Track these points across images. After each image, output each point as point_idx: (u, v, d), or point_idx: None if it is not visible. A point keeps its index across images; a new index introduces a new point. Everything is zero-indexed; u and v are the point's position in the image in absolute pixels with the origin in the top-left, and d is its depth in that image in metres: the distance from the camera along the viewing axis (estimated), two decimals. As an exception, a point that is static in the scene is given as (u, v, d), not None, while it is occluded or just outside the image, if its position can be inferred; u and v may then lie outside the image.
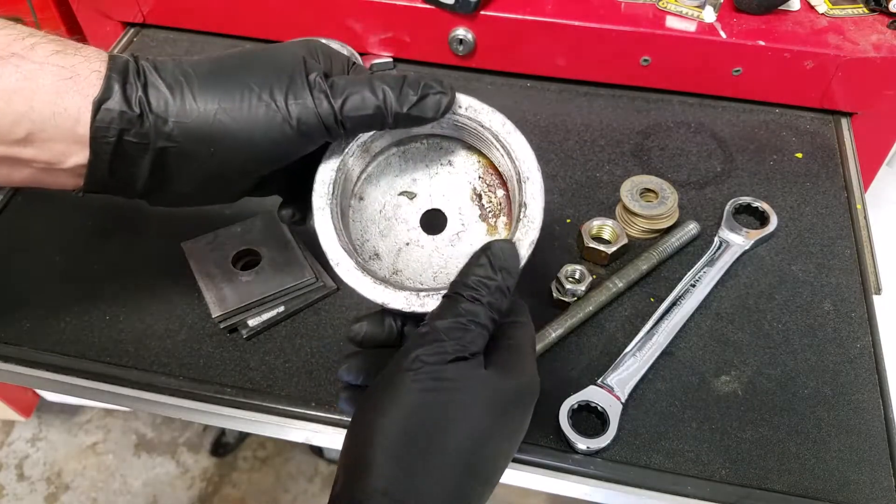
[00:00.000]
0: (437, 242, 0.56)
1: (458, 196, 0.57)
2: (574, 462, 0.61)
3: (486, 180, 0.57)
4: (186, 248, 0.72)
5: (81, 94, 0.45)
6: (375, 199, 0.56)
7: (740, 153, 0.86)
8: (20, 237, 0.77)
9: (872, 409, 0.64)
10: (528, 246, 0.51)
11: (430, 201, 0.57)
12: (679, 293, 0.71)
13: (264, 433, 0.70)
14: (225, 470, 1.70)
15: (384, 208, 0.56)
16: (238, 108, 0.47)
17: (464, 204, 0.57)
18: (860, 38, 0.84)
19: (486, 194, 0.57)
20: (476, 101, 0.54)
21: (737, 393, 0.65)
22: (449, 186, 0.57)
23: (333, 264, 0.50)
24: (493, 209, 0.56)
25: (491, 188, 0.57)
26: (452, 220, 0.56)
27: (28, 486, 1.68)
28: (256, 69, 0.48)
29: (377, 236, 0.56)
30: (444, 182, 0.57)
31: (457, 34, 0.89)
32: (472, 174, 0.57)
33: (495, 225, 0.56)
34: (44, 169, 0.48)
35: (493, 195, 0.57)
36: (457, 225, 0.56)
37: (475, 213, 0.57)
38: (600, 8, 0.87)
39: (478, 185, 0.57)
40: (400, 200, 0.57)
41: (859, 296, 0.72)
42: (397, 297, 0.50)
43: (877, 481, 0.60)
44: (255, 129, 0.47)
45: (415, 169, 0.57)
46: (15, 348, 0.69)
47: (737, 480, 0.60)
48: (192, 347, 0.68)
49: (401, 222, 0.56)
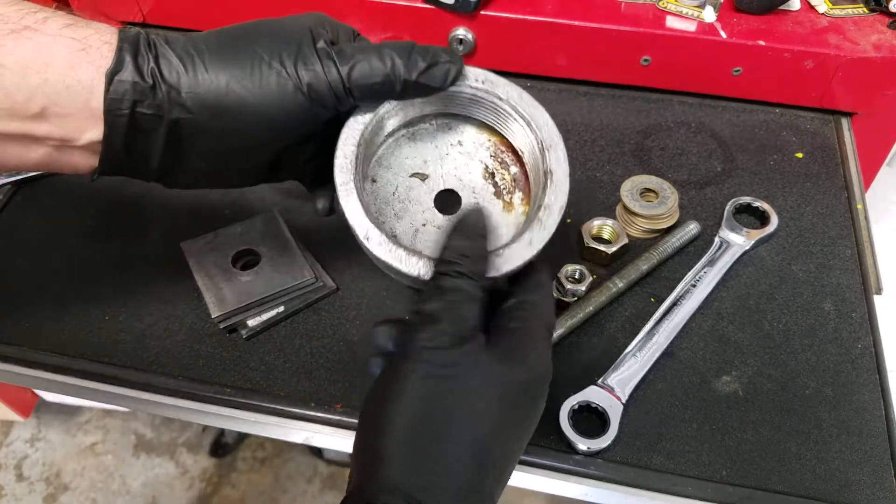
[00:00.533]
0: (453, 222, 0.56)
1: (471, 175, 0.56)
2: (574, 462, 0.61)
3: (497, 158, 0.57)
4: (186, 247, 0.72)
5: (94, 65, 0.45)
6: (388, 181, 0.56)
7: (741, 153, 0.86)
8: (19, 237, 0.77)
9: (873, 409, 0.64)
10: (559, 210, 0.51)
11: (442, 182, 0.56)
12: (679, 293, 0.71)
13: (264, 434, 0.70)
14: (224, 470, 1.70)
15: (397, 190, 0.55)
16: (249, 77, 0.47)
17: (477, 183, 0.56)
18: (860, 37, 0.84)
19: (499, 172, 0.56)
20: (491, 74, 0.53)
21: (737, 393, 0.65)
22: (460, 166, 0.56)
23: (362, 238, 0.49)
24: (506, 186, 0.56)
25: (504, 165, 0.57)
26: (466, 199, 0.56)
27: (27, 486, 1.68)
28: (265, 38, 0.49)
29: (393, 218, 0.55)
30: (456, 162, 0.57)
31: (457, 34, 0.89)
32: (483, 153, 0.57)
33: (511, 201, 0.56)
34: (58, 147, 0.47)
35: (507, 172, 0.56)
36: (471, 204, 0.56)
37: (489, 190, 0.56)
38: (600, 8, 0.87)
39: (490, 164, 0.56)
40: (412, 182, 0.56)
41: (860, 296, 0.72)
42: (430, 266, 0.48)
43: (878, 482, 0.60)
44: (267, 98, 0.48)
45: (425, 150, 0.57)
46: (14, 348, 0.68)
47: (738, 481, 0.60)
48: (192, 347, 0.68)
49: (415, 204, 0.55)
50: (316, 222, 0.78)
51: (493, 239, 0.49)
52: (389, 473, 0.42)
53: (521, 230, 0.51)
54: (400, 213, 0.55)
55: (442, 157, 0.57)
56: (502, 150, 0.57)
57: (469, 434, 0.43)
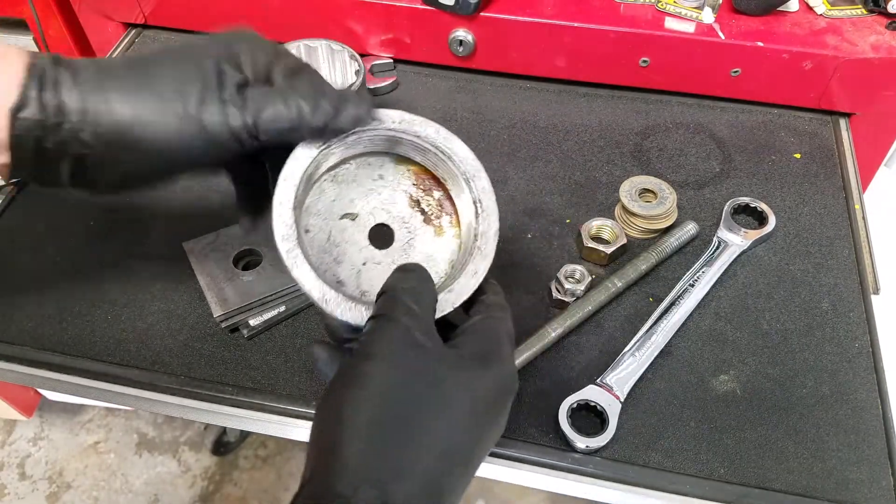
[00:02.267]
0: (391, 255, 0.57)
1: (397, 207, 0.57)
2: (573, 461, 0.61)
3: (420, 185, 0.58)
4: (188, 247, 0.72)
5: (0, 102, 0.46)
6: (320, 228, 0.56)
7: (739, 154, 0.87)
8: (22, 237, 0.78)
9: (871, 408, 0.65)
10: (494, 235, 0.53)
11: (372, 218, 0.57)
12: (678, 293, 0.71)
13: (265, 432, 0.71)
14: (226, 469, 1.70)
15: (331, 235, 0.56)
16: (151, 115, 0.48)
17: (405, 213, 0.57)
18: (858, 38, 0.85)
19: (424, 198, 0.58)
20: (408, 115, 0.55)
21: (735, 392, 0.66)
22: (386, 199, 0.57)
23: (319, 301, 0.49)
24: (433, 211, 0.57)
25: (427, 191, 0.58)
26: (399, 230, 0.57)
27: (30, 485, 1.69)
28: (171, 76, 0.49)
29: (333, 264, 0.55)
30: (381, 196, 0.57)
31: (457, 35, 0.90)
32: (405, 183, 0.58)
33: (440, 225, 0.57)
34: None
35: (431, 197, 0.58)
36: (404, 234, 0.57)
37: (418, 218, 0.57)
38: (599, 9, 0.88)
39: (413, 192, 0.58)
40: (343, 224, 0.56)
41: (857, 295, 0.73)
42: None
43: (875, 480, 0.60)
44: (168, 137, 0.48)
45: (349, 190, 0.57)
46: (17, 348, 0.69)
47: (735, 479, 0.61)
48: (194, 347, 0.69)
49: (351, 245, 0.56)
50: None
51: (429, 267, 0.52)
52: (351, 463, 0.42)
53: (463, 262, 0.53)
54: (339, 258, 0.55)
55: (367, 193, 0.57)
56: (423, 178, 0.58)
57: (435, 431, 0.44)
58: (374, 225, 0.57)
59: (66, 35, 1.08)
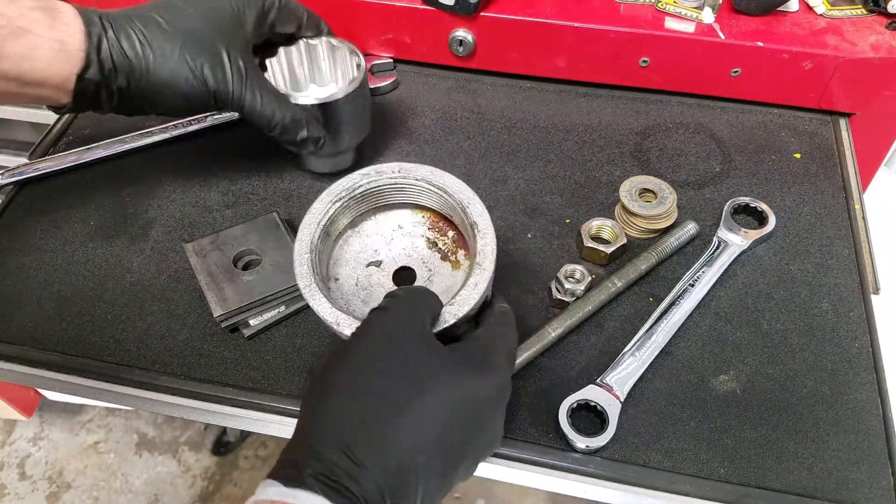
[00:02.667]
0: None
1: (417, 250, 0.64)
2: (573, 461, 0.61)
3: (435, 228, 0.65)
4: (188, 247, 0.72)
5: (69, 64, 0.62)
6: (348, 275, 0.63)
7: (739, 153, 0.87)
8: (22, 236, 0.78)
9: (871, 408, 0.65)
10: (492, 252, 0.57)
11: (395, 262, 0.63)
12: (678, 293, 0.71)
13: (265, 432, 0.71)
14: (226, 469, 1.70)
15: (358, 281, 0.62)
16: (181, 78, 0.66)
17: (424, 254, 0.63)
18: (858, 38, 0.85)
19: (440, 239, 0.65)
20: (404, 164, 0.62)
21: (735, 392, 0.66)
22: (406, 245, 0.64)
23: (335, 326, 0.54)
24: (449, 248, 0.64)
25: (442, 233, 0.65)
26: (420, 270, 0.63)
27: (30, 485, 1.69)
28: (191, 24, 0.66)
29: (360, 305, 0.61)
30: (402, 243, 0.64)
31: (457, 35, 0.90)
32: (421, 228, 0.65)
33: (457, 259, 0.63)
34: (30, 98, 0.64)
35: (446, 237, 0.64)
36: (424, 273, 0.62)
37: (437, 257, 0.63)
38: (599, 9, 0.88)
39: (430, 235, 0.65)
40: (370, 271, 0.63)
41: (857, 295, 0.73)
42: None
43: (875, 480, 0.60)
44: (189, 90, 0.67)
45: (372, 242, 0.65)
46: (17, 347, 0.69)
47: (735, 479, 0.61)
48: (194, 347, 0.69)
49: (377, 287, 0.62)
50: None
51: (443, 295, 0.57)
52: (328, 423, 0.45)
53: (467, 277, 0.57)
54: (366, 299, 0.61)
55: (388, 242, 0.65)
56: (436, 221, 0.65)
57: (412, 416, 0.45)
58: (398, 268, 0.63)
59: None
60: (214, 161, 0.85)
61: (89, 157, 0.84)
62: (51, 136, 0.88)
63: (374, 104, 0.89)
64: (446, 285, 0.62)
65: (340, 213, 0.62)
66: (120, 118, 0.73)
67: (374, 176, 0.62)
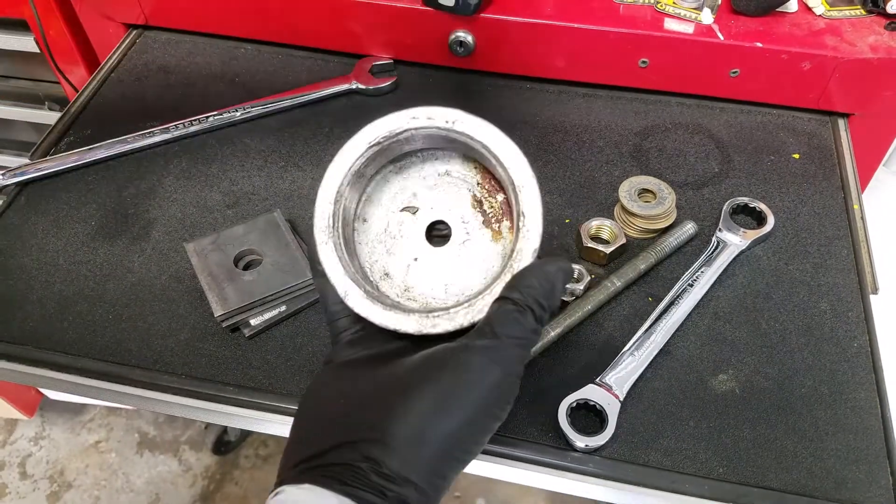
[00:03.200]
0: (444, 254, 0.57)
1: (460, 205, 0.57)
2: (573, 460, 0.62)
3: (484, 186, 0.57)
4: (189, 248, 0.73)
5: None
6: (379, 218, 0.57)
7: (738, 154, 0.87)
8: (24, 237, 0.78)
9: (869, 407, 0.65)
10: (531, 255, 0.50)
11: (432, 213, 0.57)
12: (677, 293, 0.71)
13: (266, 431, 0.71)
14: (227, 468, 1.70)
15: (388, 226, 0.57)
16: None
17: (465, 212, 0.57)
18: (857, 39, 0.85)
19: (487, 200, 0.57)
20: (463, 114, 0.53)
21: (734, 392, 0.66)
22: (449, 196, 0.57)
23: (342, 295, 0.51)
24: (494, 214, 0.56)
25: (491, 193, 0.57)
26: (456, 230, 0.57)
27: (31, 484, 1.69)
28: None
29: (385, 255, 0.56)
30: (444, 192, 0.57)
31: (457, 36, 0.90)
32: (470, 181, 0.57)
33: (499, 230, 0.56)
34: None
35: (494, 200, 0.57)
36: (461, 234, 0.56)
37: (478, 219, 0.57)
38: (599, 10, 0.88)
39: (477, 192, 0.57)
40: (403, 217, 0.57)
41: (856, 295, 0.73)
42: (408, 320, 0.50)
43: (874, 479, 0.61)
44: None
45: (413, 183, 0.57)
46: (18, 347, 0.69)
47: (734, 478, 0.61)
48: (195, 346, 0.69)
49: (406, 239, 0.56)
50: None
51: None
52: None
53: (495, 277, 0.51)
54: (392, 249, 0.56)
55: (430, 188, 0.57)
56: (488, 178, 0.57)
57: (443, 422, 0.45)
58: (433, 221, 0.56)
59: (66, 35, 1.08)
60: (215, 161, 0.85)
61: (90, 157, 0.85)
62: (52, 136, 0.88)
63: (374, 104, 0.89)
64: (481, 257, 0.55)
65: (379, 154, 0.54)
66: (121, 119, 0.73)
67: (425, 122, 0.53)
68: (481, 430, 0.47)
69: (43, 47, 1.09)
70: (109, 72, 0.97)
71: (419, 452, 0.44)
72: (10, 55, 1.30)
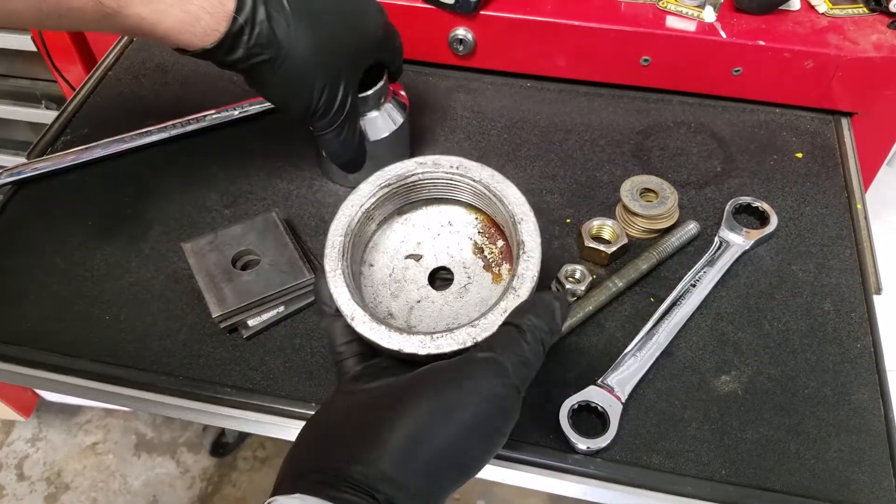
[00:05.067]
0: (446, 297, 0.59)
1: (461, 252, 0.60)
2: (574, 462, 0.61)
3: (485, 234, 0.61)
4: (186, 248, 0.72)
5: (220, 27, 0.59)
6: (384, 264, 0.60)
7: (740, 153, 0.86)
8: (21, 236, 0.77)
9: (873, 408, 0.64)
10: (531, 279, 0.53)
11: (435, 260, 0.60)
12: (679, 293, 0.71)
13: (264, 433, 0.71)
14: (225, 470, 1.70)
15: (393, 272, 0.60)
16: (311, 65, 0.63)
17: (467, 258, 0.60)
18: (860, 37, 0.84)
19: (487, 246, 0.61)
20: (464, 160, 0.58)
21: (737, 393, 0.65)
22: (451, 245, 0.61)
23: (349, 319, 0.52)
24: (494, 259, 0.60)
25: (491, 240, 0.61)
26: (458, 274, 0.60)
27: (28, 486, 1.68)
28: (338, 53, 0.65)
29: (389, 298, 0.58)
30: (447, 241, 0.61)
31: (457, 34, 0.89)
32: (471, 230, 0.61)
33: (499, 273, 0.60)
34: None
35: (494, 246, 0.60)
36: (463, 278, 0.59)
37: (479, 264, 0.60)
38: (600, 8, 0.87)
39: (478, 240, 0.61)
40: (407, 263, 0.60)
41: (859, 296, 0.72)
42: (412, 341, 0.51)
43: (877, 481, 0.60)
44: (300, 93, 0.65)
45: (417, 233, 0.61)
46: (15, 348, 0.69)
47: (737, 480, 0.60)
48: (193, 347, 0.68)
49: (410, 283, 0.59)
50: (316, 223, 0.78)
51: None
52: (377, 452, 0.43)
53: (498, 298, 0.53)
54: (396, 293, 0.59)
55: (434, 237, 0.61)
56: (488, 226, 0.62)
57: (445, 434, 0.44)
58: (436, 267, 0.60)
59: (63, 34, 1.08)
60: (213, 161, 0.85)
61: (87, 156, 0.84)
62: (49, 135, 0.88)
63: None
64: (481, 297, 0.59)
65: (388, 198, 0.59)
66: (119, 118, 0.72)
67: (431, 167, 0.58)
68: (482, 440, 0.46)
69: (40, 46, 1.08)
70: (106, 70, 0.96)
71: (414, 456, 0.43)
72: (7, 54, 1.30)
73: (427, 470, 0.44)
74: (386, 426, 0.44)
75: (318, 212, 0.79)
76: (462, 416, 0.45)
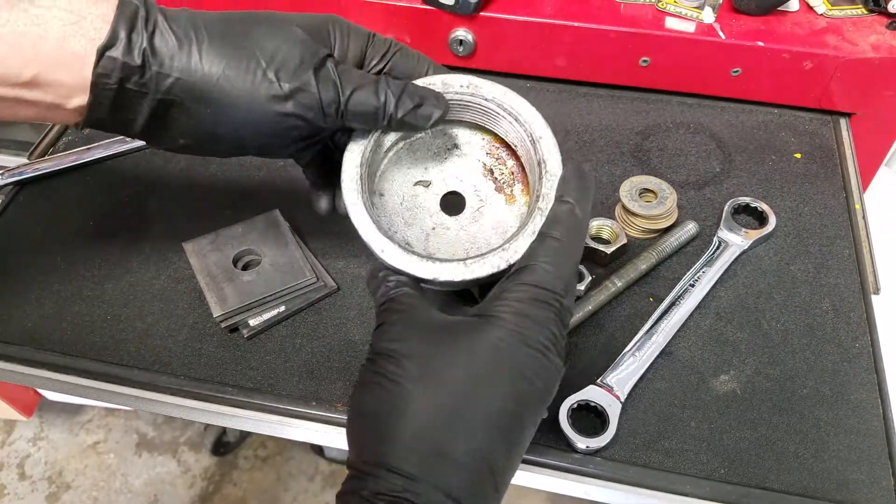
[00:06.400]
0: (460, 221, 0.58)
1: (471, 175, 0.59)
2: (573, 461, 0.61)
3: (494, 154, 0.59)
4: (187, 247, 0.72)
5: (87, 38, 0.45)
6: (394, 192, 0.58)
7: (739, 153, 0.87)
8: (22, 236, 0.78)
9: (871, 408, 0.65)
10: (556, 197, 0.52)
11: (445, 185, 0.59)
12: (678, 293, 0.71)
13: (265, 432, 0.71)
14: (226, 469, 1.70)
15: (404, 200, 0.58)
16: (242, 79, 0.47)
17: (477, 181, 0.59)
18: (859, 38, 0.85)
19: (497, 167, 0.59)
20: (475, 78, 0.56)
21: (736, 392, 0.66)
22: (460, 168, 0.59)
23: (378, 252, 0.51)
24: (505, 180, 0.59)
25: (500, 161, 0.59)
26: (470, 198, 0.58)
27: (29, 485, 1.69)
28: (269, 41, 0.49)
29: (403, 227, 0.57)
30: (455, 165, 0.59)
31: (457, 35, 0.90)
32: (479, 152, 0.59)
33: (512, 193, 0.58)
34: (48, 107, 0.48)
35: (504, 167, 0.59)
36: (475, 202, 0.58)
37: (490, 186, 0.59)
38: (600, 9, 0.88)
39: (487, 161, 0.59)
40: (417, 190, 0.59)
41: (858, 295, 0.73)
42: (445, 269, 0.51)
43: (875, 480, 0.60)
44: (254, 104, 0.48)
45: (424, 158, 0.59)
46: (16, 348, 0.69)
47: (735, 479, 0.61)
48: (194, 347, 0.69)
49: (422, 210, 0.58)
50: (316, 222, 0.78)
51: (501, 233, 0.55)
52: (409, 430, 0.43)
53: (524, 221, 0.52)
54: (409, 221, 0.58)
55: (441, 162, 0.60)
56: (497, 147, 0.59)
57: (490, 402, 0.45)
58: (447, 192, 0.59)
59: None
60: (213, 160, 0.85)
61: (89, 157, 0.84)
62: (50, 136, 0.88)
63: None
64: (496, 219, 0.57)
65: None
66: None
67: (440, 88, 0.55)
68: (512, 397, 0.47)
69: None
70: (108, 71, 0.96)
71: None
72: (9, 54, 1.30)
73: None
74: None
75: (319, 212, 0.80)
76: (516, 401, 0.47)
